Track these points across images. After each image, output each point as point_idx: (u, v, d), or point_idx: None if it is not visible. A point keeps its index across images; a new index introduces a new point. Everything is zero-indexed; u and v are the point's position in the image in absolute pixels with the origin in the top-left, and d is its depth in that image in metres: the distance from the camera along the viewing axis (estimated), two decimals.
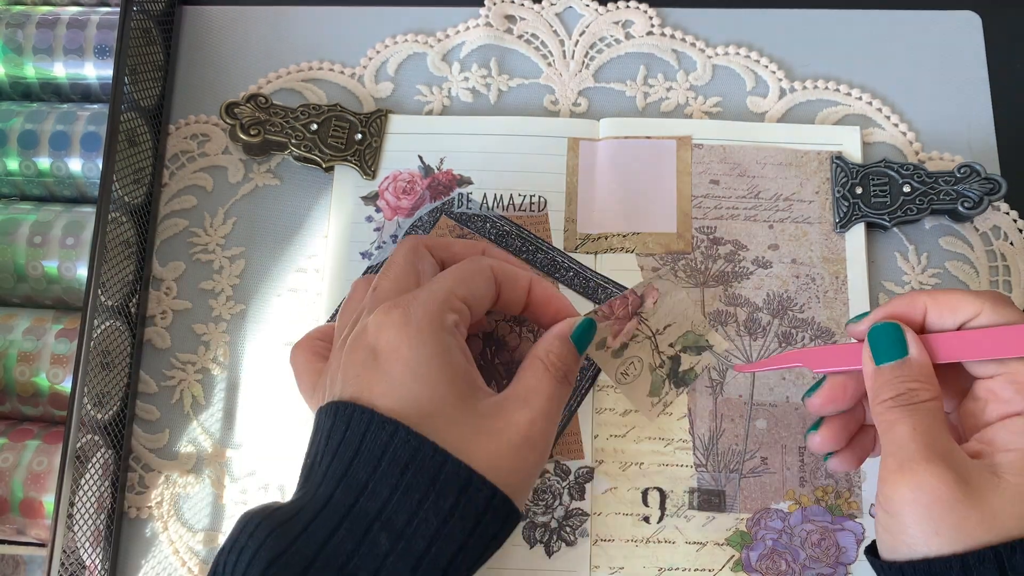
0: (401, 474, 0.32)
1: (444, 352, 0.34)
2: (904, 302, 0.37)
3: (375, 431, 0.32)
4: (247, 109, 0.49)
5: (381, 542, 0.31)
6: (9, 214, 0.47)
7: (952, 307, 0.36)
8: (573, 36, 0.53)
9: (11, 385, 0.45)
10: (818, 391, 0.39)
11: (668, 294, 0.46)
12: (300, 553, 0.31)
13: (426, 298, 0.35)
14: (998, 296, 0.36)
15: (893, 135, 0.51)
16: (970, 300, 0.35)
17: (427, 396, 0.33)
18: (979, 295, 0.36)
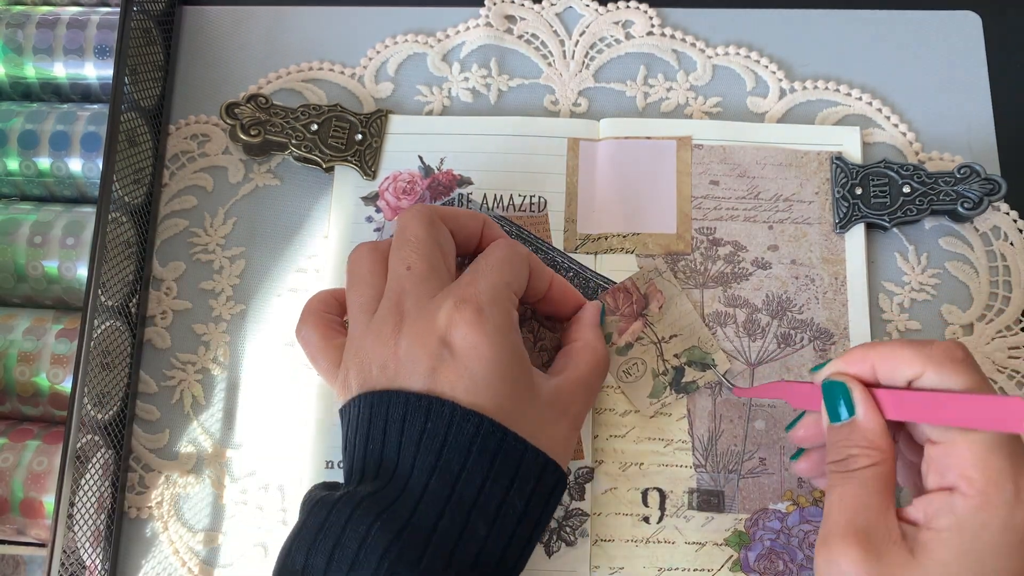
0: (491, 463, 0.35)
1: (517, 349, 0.37)
2: (857, 355, 0.36)
3: (460, 423, 0.35)
4: (247, 109, 0.49)
5: (479, 527, 0.34)
6: (9, 214, 0.47)
7: (895, 365, 0.35)
8: (573, 36, 0.53)
9: (11, 385, 0.45)
10: (797, 426, 0.39)
11: (673, 301, 0.46)
12: (414, 539, 0.33)
13: (495, 295, 0.37)
14: (945, 353, 0.34)
15: (893, 135, 0.50)
16: (913, 358, 0.34)
17: (506, 392, 0.36)
18: (926, 352, 0.34)
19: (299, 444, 0.47)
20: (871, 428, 0.35)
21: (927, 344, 0.35)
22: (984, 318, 0.48)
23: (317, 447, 0.45)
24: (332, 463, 0.45)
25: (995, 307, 0.48)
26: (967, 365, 0.34)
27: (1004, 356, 0.47)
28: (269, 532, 0.46)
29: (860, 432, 0.35)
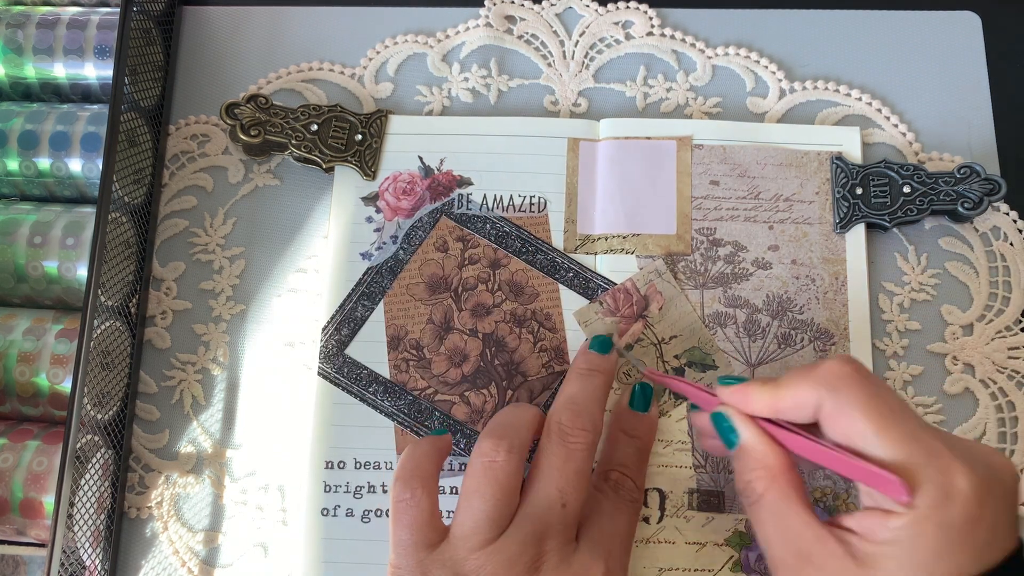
0: None
1: None
2: (755, 389, 0.37)
3: None
4: (247, 110, 0.49)
5: None
6: (9, 214, 0.47)
7: (795, 399, 0.35)
8: (573, 36, 0.53)
9: (11, 385, 0.45)
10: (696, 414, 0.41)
11: (673, 302, 0.46)
12: None
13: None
14: (831, 373, 0.35)
15: (893, 135, 0.50)
16: (807, 388, 0.35)
17: None
18: (813, 378, 0.35)
19: (299, 444, 0.47)
20: (756, 448, 0.36)
21: (814, 368, 0.35)
22: (984, 318, 0.48)
23: (317, 447, 0.45)
24: (332, 463, 0.45)
25: (995, 307, 0.48)
26: (856, 379, 0.34)
27: (1004, 356, 0.47)
28: (269, 532, 0.46)
29: (748, 455, 0.36)
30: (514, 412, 0.40)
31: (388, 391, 0.46)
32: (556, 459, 0.38)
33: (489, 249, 0.48)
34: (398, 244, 0.48)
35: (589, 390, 0.40)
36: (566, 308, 0.47)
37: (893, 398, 0.34)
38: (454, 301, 0.47)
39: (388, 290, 0.47)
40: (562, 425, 0.39)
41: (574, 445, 0.38)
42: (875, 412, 0.33)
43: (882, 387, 0.35)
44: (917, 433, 0.33)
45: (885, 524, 0.32)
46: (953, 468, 0.32)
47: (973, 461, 0.33)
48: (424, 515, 0.37)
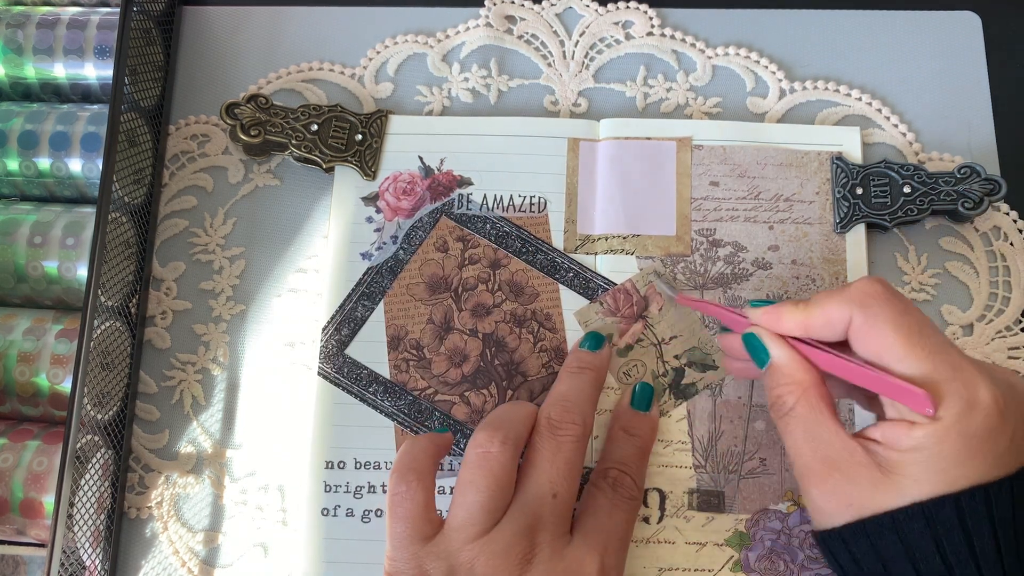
0: None
1: None
2: (786, 313, 0.38)
3: None
4: (247, 110, 0.49)
5: None
6: (9, 214, 0.47)
7: (826, 316, 0.37)
8: (573, 36, 0.53)
9: (11, 385, 0.45)
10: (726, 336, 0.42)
11: (673, 303, 0.46)
12: None
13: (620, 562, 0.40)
14: (864, 291, 0.36)
15: (893, 135, 0.50)
16: (838, 305, 0.36)
17: None
18: (846, 296, 0.36)
19: (299, 444, 0.47)
20: (787, 365, 0.37)
21: (845, 288, 0.37)
22: (984, 318, 0.48)
23: (317, 447, 0.45)
24: (332, 463, 0.45)
25: (995, 307, 0.48)
26: (886, 297, 0.36)
27: (1004, 356, 0.47)
28: (269, 532, 0.46)
29: (779, 372, 0.38)
30: (510, 407, 0.41)
31: (388, 391, 0.46)
32: (546, 451, 0.39)
33: (489, 249, 0.48)
34: (398, 244, 0.48)
35: (578, 386, 0.41)
36: (566, 308, 0.47)
37: (920, 316, 0.36)
38: (454, 301, 0.47)
39: (388, 290, 0.47)
40: (551, 419, 0.40)
41: (563, 437, 0.39)
42: (904, 327, 0.35)
43: (910, 305, 0.36)
44: (944, 348, 0.35)
45: (909, 434, 0.34)
46: (976, 381, 0.34)
47: (994, 378, 0.35)
48: (419, 508, 0.37)
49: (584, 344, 0.44)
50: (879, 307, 0.36)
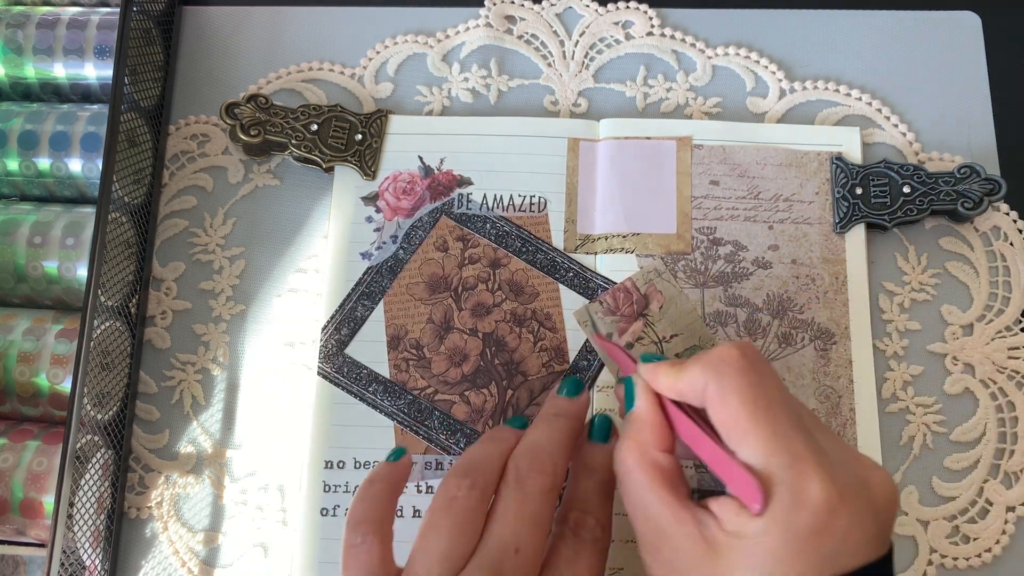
0: None
1: None
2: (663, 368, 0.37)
3: None
4: (247, 109, 0.49)
5: None
6: (9, 214, 0.47)
7: (689, 380, 0.35)
8: (573, 36, 0.53)
9: (11, 385, 0.45)
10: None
11: (673, 301, 0.46)
12: None
13: None
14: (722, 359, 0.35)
15: (893, 135, 0.50)
16: (699, 374, 0.35)
17: None
18: (704, 364, 0.35)
19: (299, 444, 0.47)
20: (642, 420, 0.37)
21: (709, 351, 0.36)
22: (984, 318, 0.48)
23: (317, 447, 0.45)
24: (332, 463, 0.45)
25: (995, 307, 0.48)
26: (740, 366, 0.34)
27: (1004, 356, 0.47)
28: (269, 532, 0.46)
29: (631, 425, 0.37)
30: (483, 449, 0.39)
31: (388, 391, 0.46)
32: (512, 503, 0.37)
33: (489, 249, 0.48)
34: (398, 244, 0.48)
35: (551, 434, 0.39)
36: (566, 308, 0.47)
37: (774, 390, 0.34)
38: (454, 301, 0.47)
39: (388, 290, 0.47)
40: (519, 469, 0.37)
41: (530, 488, 0.37)
42: (751, 402, 0.33)
43: (767, 377, 0.34)
44: (787, 432, 0.33)
45: (735, 517, 0.33)
46: (809, 475, 0.32)
47: (839, 470, 0.32)
48: (374, 561, 0.36)
49: (562, 390, 0.42)
50: (731, 377, 0.34)
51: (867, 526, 0.32)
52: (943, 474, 0.46)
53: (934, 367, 0.47)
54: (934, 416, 0.46)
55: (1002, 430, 0.46)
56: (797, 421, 0.34)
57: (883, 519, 0.33)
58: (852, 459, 0.34)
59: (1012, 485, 0.45)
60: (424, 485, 0.45)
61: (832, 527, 0.31)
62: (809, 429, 0.34)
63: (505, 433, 0.40)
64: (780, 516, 0.32)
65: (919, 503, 0.45)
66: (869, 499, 0.32)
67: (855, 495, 0.32)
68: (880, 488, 0.33)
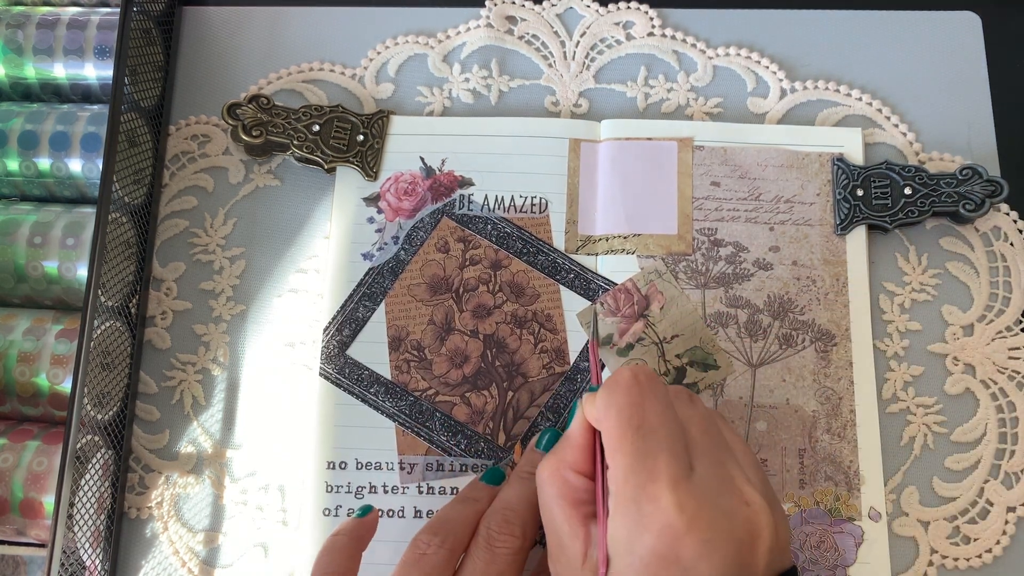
0: None
1: None
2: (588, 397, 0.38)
3: None
4: (249, 110, 0.49)
5: None
6: (9, 214, 0.47)
7: (594, 411, 0.36)
8: (574, 37, 0.53)
9: (11, 385, 0.45)
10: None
11: (674, 302, 0.46)
12: None
13: None
14: (615, 378, 0.35)
15: (893, 135, 0.51)
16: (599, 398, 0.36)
17: None
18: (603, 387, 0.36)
19: (299, 444, 0.47)
20: (567, 442, 0.38)
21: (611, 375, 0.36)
22: (984, 318, 0.48)
23: (317, 447, 0.45)
24: (333, 463, 0.45)
25: (995, 307, 0.48)
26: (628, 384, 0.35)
27: (1004, 356, 0.47)
28: (269, 532, 0.46)
29: (562, 443, 0.38)
30: (456, 509, 0.40)
31: (389, 392, 0.46)
32: (480, 563, 0.37)
33: (490, 250, 0.48)
34: (399, 245, 0.48)
35: (525, 494, 0.40)
36: (567, 309, 0.47)
37: (654, 410, 0.34)
38: (455, 302, 0.47)
39: (389, 291, 0.47)
40: (490, 530, 0.38)
41: (499, 550, 0.37)
42: (624, 420, 0.34)
43: (649, 399, 0.35)
44: (653, 452, 0.33)
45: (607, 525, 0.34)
46: (660, 497, 0.32)
47: (699, 498, 0.32)
48: None
49: (540, 444, 0.43)
50: (615, 395, 0.35)
51: (719, 558, 0.31)
52: (943, 474, 0.46)
53: (935, 367, 0.47)
54: (935, 416, 0.46)
55: (1003, 430, 0.46)
56: (670, 443, 0.33)
57: (743, 552, 0.32)
58: (725, 490, 0.33)
59: (1012, 485, 0.45)
60: (425, 486, 0.45)
61: (676, 555, 0.31)
62: (689, 455, 0.34)
63: (479, 492, 0.41)
64: (624, 536, 0.32)
65: (919, 503, 0.45)
66: (726, 531, 0.32)
67: (708, 525, 0.31)
68: (743, 521, 0.33)
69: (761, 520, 0.33)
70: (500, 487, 0.41)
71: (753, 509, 0.33)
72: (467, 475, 0.45)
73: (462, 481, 0.45)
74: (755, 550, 0.32)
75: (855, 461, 0.45)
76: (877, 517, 0.44)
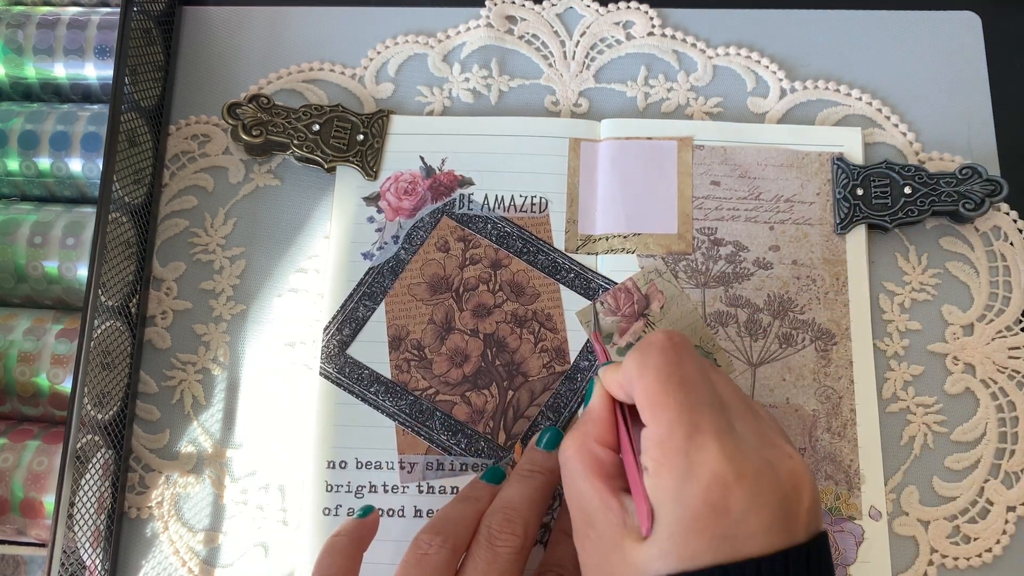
0: None
1: None
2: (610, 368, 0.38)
3: None
4: (249, 110, 0.49)
5: None
6: (9, 214, 0.47)
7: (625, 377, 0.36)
8: (574, 37, 0.53)
9: (11, 385, 0.45)
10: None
11: (674, 301, 0.46)
12: None
13: None
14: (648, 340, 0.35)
15: (893, 135, 0.51)
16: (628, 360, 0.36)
17: None
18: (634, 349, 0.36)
19: (299, 444, 0.47)
20: (589, 416, 0.38)
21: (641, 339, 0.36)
22: (984, 318, 0.48)
23: (319, 447, 0.45)
24: (333, 463, 0.45)
25: (995, 307, 0.48)
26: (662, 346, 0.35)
27: (1004, 356, 0.47)
28: (269, 532, 0.46)
29: (582, 419, 0.38)
30: (457, 508, 0.40)
31: (389, 391, 0.46)
32: (481, 562, 0.37)
33: (490, 249, 0.48)
34: (399, 244, 0.48)
35: (526, 493, 0.40)
36: (567, 309, 0.47)
37: (692, 369, 0.34)
38: (455, 301, 0.47)
39: (389, 290, 0.47)
40: (491, 528, 0.38)
41: (500, 549, 0.37)
42: (664, 377, 0.34)
43: (686, 358, 0.35)
44: (695, 406, 0.33)
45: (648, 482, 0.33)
46: (706, 448, 0.32)
47: (743, 450, 0.32)
48: None
49: (540, 442, 0.43)
50: (651, 355, 0.35)
51: (767, 511, 0.31)
52: (943, 474, 0.46)
53: (934, 367, 0.47)
54: (935, 416, 0.46)
55: (1002, 430, 0.46)
56: (711, 399, 0.34)
57: (789, 506, 0.32)
58: (766, 444, 0.33)
59: (1012, 485, 0.45)
60: (425, 485, 0.45)
61: (725, 505, 0.31)
62: (726, 409, 0.34)
63: (480, 491, 0.41)
64: (673, 487, 0.32)
65: (919, 503, 0.45)
66: (772, 483, 0.32)
67: (755, 476, 0.32)
68: (788, 474, 0.33)
69: (804, 473, 0.33)
70: (501, 486, 0.41)
71: (796, 461, 0.33)
72: (467, 474, 0.45)
73: (462, 480, 0.45)
74: (800, 504, 0.32)
75: (855, 460, 0.45)
76: (877, 516, 0.44)
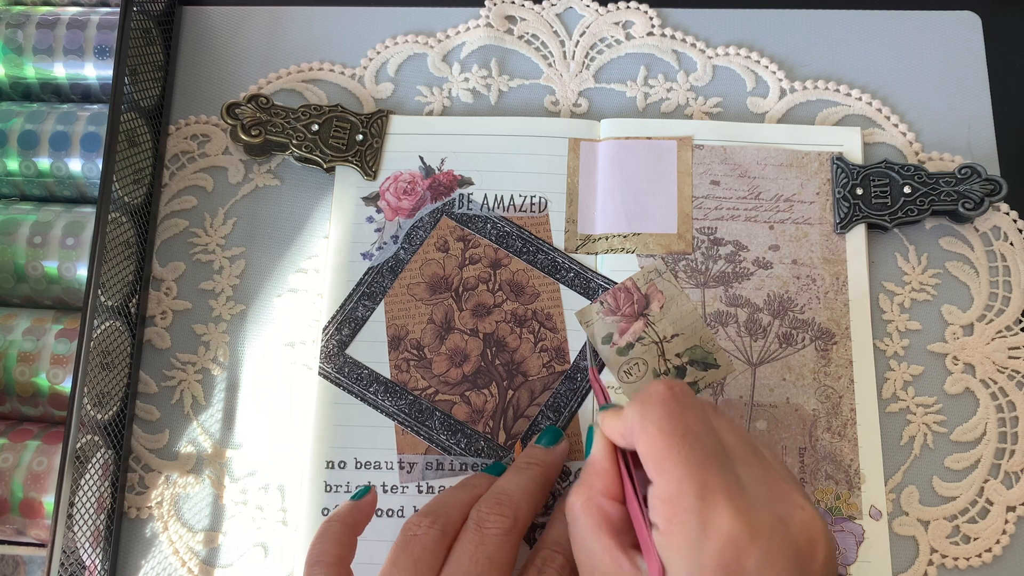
0: None
1: None
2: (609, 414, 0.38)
3: None
4: (248, 110, 0.49)
5: None
6: (9, 214, 0.47)
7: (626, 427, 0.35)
8: (573, 37, 0.53)
9: (11, 385, 0.45)
10: None
11: (674, 301, 0.46)
12: None
13: None
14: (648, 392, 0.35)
15: (893, 135, 0.51)
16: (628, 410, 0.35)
17: None
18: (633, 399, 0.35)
19: (299, 444, 0.47)
20: (593, 467, 0.37)
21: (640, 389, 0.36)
22: (984, 318, 0.48)
23: (318, 447, 0.45)
24: (332, 463, 0.45)
25: (995, 307, 0.48)
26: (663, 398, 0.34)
27: (1004, 356, 0.47)
28: (269, 532, 0.46)
29: (585, 471, 0.38)
30: (451, 493, 0.40)
31: (389, 391, 0.46)
32: (469, 544, 0.37)
33: (490, 249, 0.48)
34: (399, 244, 0.48)
35: (520, 481, 0.40)
36: (567, 308, 0.47)
37: (695, 422, 0.34)
38: (455, 301, 0.47)
39: (389, 290, 0.47)
40: (480, 512, 0.38)
41: (489, 531, 0.37)
42: (667, 432, 0.33)
43: (688, 410, 0.34)
44: (702, 462, 0.32)
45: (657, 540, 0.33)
46: (719, 507, 0.31)
47: (754, 507, 0.32)
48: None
49: (540, 439, 0.43)
50: (652, 408, 0.34)
51: (781, 568, 0.31)
52: (943, 474, 0.46)
53: (934, 367, 0.47)
54: (934, 416, 0.46)
55: (1002, 430, 0.46)
56: (716, 454, 0.33)
57: (803, 561, 0.32)
58: (777, 497, 0.33)
59: (1012, 485, 0.45)
60: (425, 485, 0.45)
61: (740, 566, 0.31)
62: (732, 463, 0.33)
63: (478, 480, 0.41)
64: (685, 547, 0.31)
65: (919, 503, 0.45)
66: (786, 539, 0.32)
67: (768, 533, 0.31)
68: (801, 528, 0.32)
69: (817, 525, 0.33)
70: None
71: (808, 512, 0.33)
72: (467, 474, 0.45)
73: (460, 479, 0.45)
74: (814, 559, 0.32)
75: (855, 460, 0.45)
76: (878, 516, 0.44)
